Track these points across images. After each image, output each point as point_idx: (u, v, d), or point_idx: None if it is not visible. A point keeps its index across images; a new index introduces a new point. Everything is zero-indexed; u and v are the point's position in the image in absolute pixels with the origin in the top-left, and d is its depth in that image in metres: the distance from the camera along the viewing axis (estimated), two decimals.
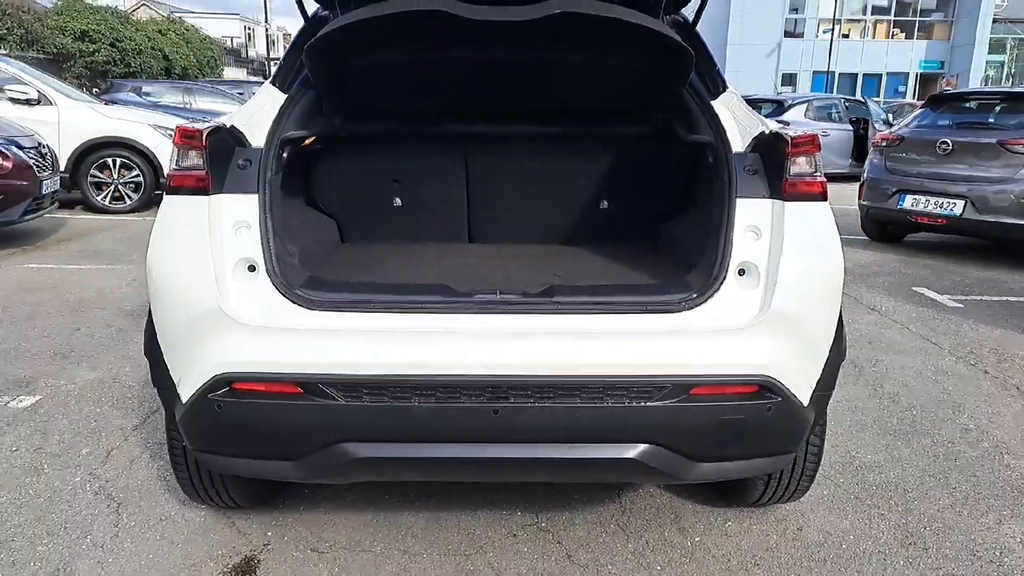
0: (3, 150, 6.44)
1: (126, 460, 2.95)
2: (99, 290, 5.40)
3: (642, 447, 2.00)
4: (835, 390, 2.23)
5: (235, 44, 44.12)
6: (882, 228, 7.93)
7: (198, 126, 2.13)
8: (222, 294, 2.01)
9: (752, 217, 2.13)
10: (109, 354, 4.10)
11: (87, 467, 2.89)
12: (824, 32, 35.88)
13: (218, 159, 2.13)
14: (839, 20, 35.16)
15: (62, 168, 8.15)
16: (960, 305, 5.56)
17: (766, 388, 1.99)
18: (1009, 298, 5.82)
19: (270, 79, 2.62)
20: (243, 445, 2.09)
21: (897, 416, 3.53)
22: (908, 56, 36.86)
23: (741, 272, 2.09)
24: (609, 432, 2.00)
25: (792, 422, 2.07)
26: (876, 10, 37.05)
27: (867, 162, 8.04)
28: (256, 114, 2.38)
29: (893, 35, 37.21)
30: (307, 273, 2.26)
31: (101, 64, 20.36)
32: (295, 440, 2.03)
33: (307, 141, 2.72)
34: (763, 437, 2.09)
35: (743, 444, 2.08)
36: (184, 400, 2.03)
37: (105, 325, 4.61)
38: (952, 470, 3.02)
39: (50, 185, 6.99)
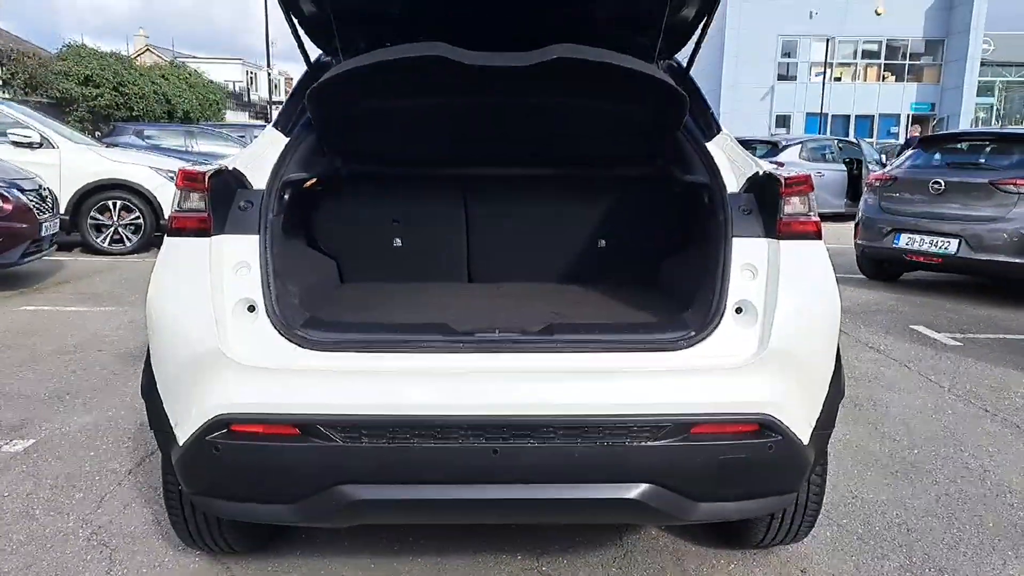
0: (4, 193, 6.48)
1: (120, 505, 2.91)
2: (96, 332, 5.39)
3: (643, 487, 1.98)
4: (835, 428, 2.22)
5: (237, 88, 44.74)
6: (878, 266, 7.98)
7: (200, 169, 2.15)
8: (221, 335, 2.01)
9: (748, 256, 2.15)
10: (104, 397, 4.08)
11: (79, 512, 2.85)
12: (816, 75, 36.56)
13: (220, 201, 2.15)
14: (830, 64, 35.84)
15: (63, 210, 8.20)
16: (958, 343, 5.56)
17: (766, 426, 1.98)
18: (1006, 336, 5.82)
19: (272, 122, 2.66)
20: (240, 488, 2.07)
21: (899, 455, 3.50)
22: (899, 98, 37.51)
23: (738, 310, 2.10)
24: (609, 472, 1.99)
25: (793, 461, 2.06)
26: (866, 54, 37.82)
27: (861, 202, 8.12)
28: (258, 156, 2.41)
29: (884, 78, 37.93)
30: (306, 313, 2.26)
31: (104, 108, 20.62)
32: (293, 483, 2.01)
33: (308, 183, 2.75)
34: (764, 476, 2.07)
35: (744, 484, 2.07)
36: (181, 442, 2.01)
37: (101, 367, 4.58)
38: (955, 510, 2.99)
39: (50, 227, 7.02)
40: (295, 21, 2.81)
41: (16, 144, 8.58)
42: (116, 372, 4.49)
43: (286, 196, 2.45)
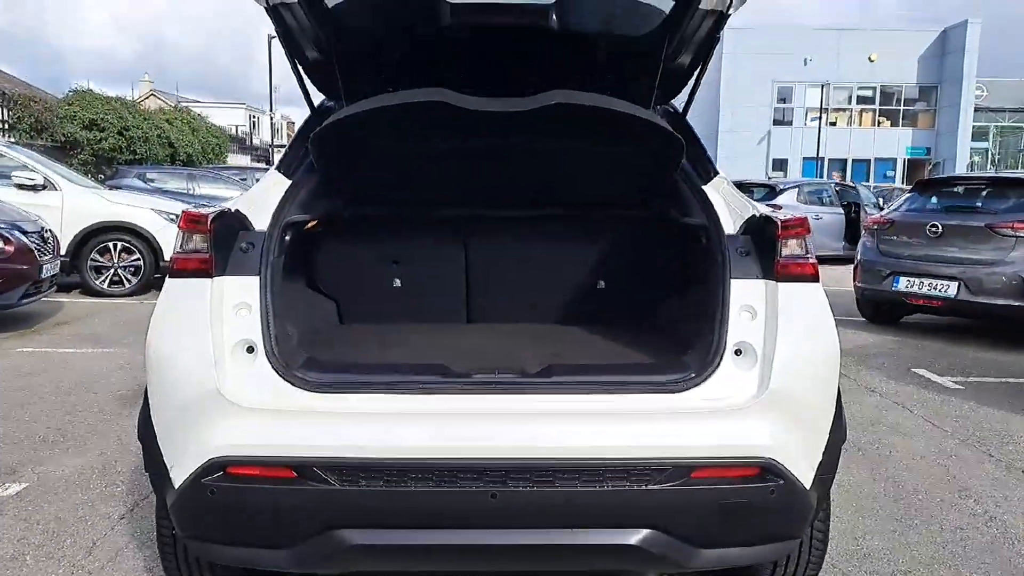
0: (6, 234, 6.52)
1: (111, 551, 2.85)
2: (93, 374, 5.36)
3: (644, 532, 1.95)
4: (838, 473, 2.19)
5: (240, 132, 45.35)
6: (878, 310, 7.97)
7: (204, 211, 2.17)
8: (220, 376, 2.00)
9: (746, 297, 2.15)
10: (99, 440, 4.04)
11: (71, 558, 2.80)
12: (812, 120, 37.09)
13: (222, 242, 2.17)
14: (826, 109, 36.40)
15: (64, 252, 8.24)
16: (960, 387, 5.53)
17: (768, 470, 1.96)
18: (1009, 379, 5.80)
19: (275, 165, 2.69)
20: (235, 532, 2.03)
21: (903, 500, 3.46)
22: (895, 142, 38.01)
23: (738, 352, 2.09)
24: (610, 517, 1.96)
25: (796, 505, 2.03)
26: (861, 99, 38.42)
27: (859, 245, 8.16)
28: (261, 199, 2.43)
29: (879, 123, 38.49)
30: (305, 354, 2.26)
31: (108, 151, 20.84)
32: (288, 527, 1.97)
33: (309, 224, 2.77)
34: (767, 521, 2.04)
35: (747, 529, 2.03)
36: (177, 485, 1.99)
37: (97, 410, 4.55)
38: (961, 557, 2.94)
39: (50, 269, 7.05)
40: (299, 67, 2.87)
41: (20, 187, 8.66)
42: (111, 414, 4.46)
43: (287, 237, 2.47)
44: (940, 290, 6.94)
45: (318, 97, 3.06)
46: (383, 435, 1.93)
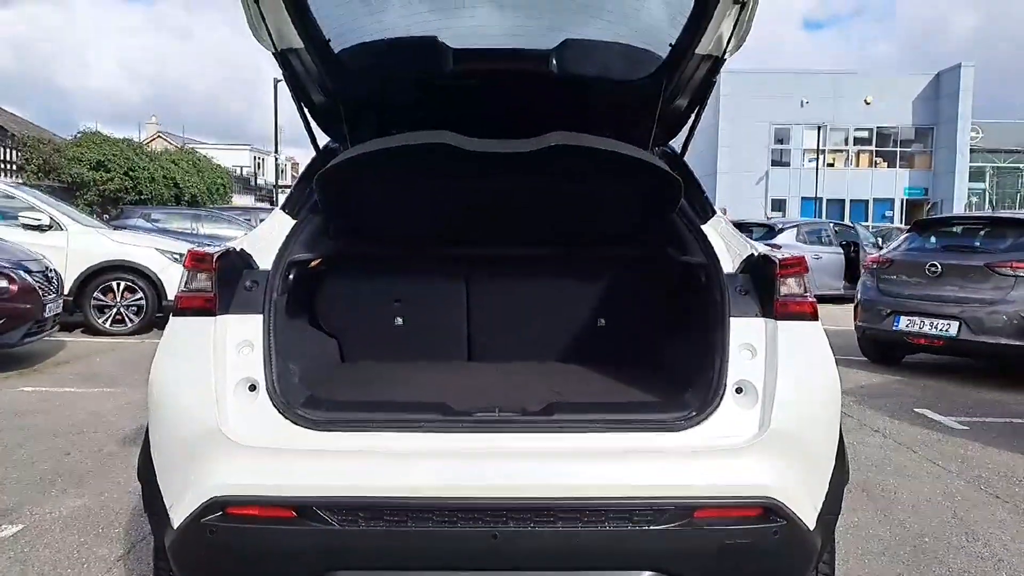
0: (10, 274, 6.55)
1: None
2: (93, 414, 5.34)
3: (646, 574, 1.93)
4: (843, 515, 2.17)
5: (245, 173, 45.85)
6: (880, 349, 7.95)
7: (209, 250, 2.20)
8: (221, 414, 2.00)
9: (746, 336, 2.16)
10: (98, 480, 4.01)
11: None
12: (809, 161, 37.45)
13: (227, 281, 2.19)
14: (823, 151, 36.77)
15: (67, 291, 8.28)
16: (965, 427, 5.49)
17: (771, 510, 1.94)
18: (1013, 420, 5.76)
19: (280, 205, 2.73)
20: (234, 573, 2.02)
21: (909, 543, 3.41)
22: (893, 183, 38.31)
23: (739, 390, 2.09)
24: (612, 558, 1.94)
25: (800, 547, 2.01)
26: (858, 141, 38.83)
27: (860, 284, 8.18)
28: (265, 238, 2.46)
29: (876, 164, 38.82)
30: (307, 392, 2.26)
31: (114, 192, 21.06)
32: (287, 568, 1.95)
33: (313, 263, 2.80)
34: (770, 563, 2.01)
35: (750, 571, 2.01)
36: (175, 525, 1.97)
37: (96, 450, 4.52)
38: None
39: (53, 308, 7.07)
40: (305, 109, 2.92)
41: (26, 227, 8.74)
42: (110, 454, 4.43)
43: (291, 276, 2.49)
44: (941, 329, 6.94)
45: (323, 139, 3.11)
46: (382, 474, 1.93)
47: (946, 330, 6.89)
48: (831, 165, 38.08)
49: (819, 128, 36.30)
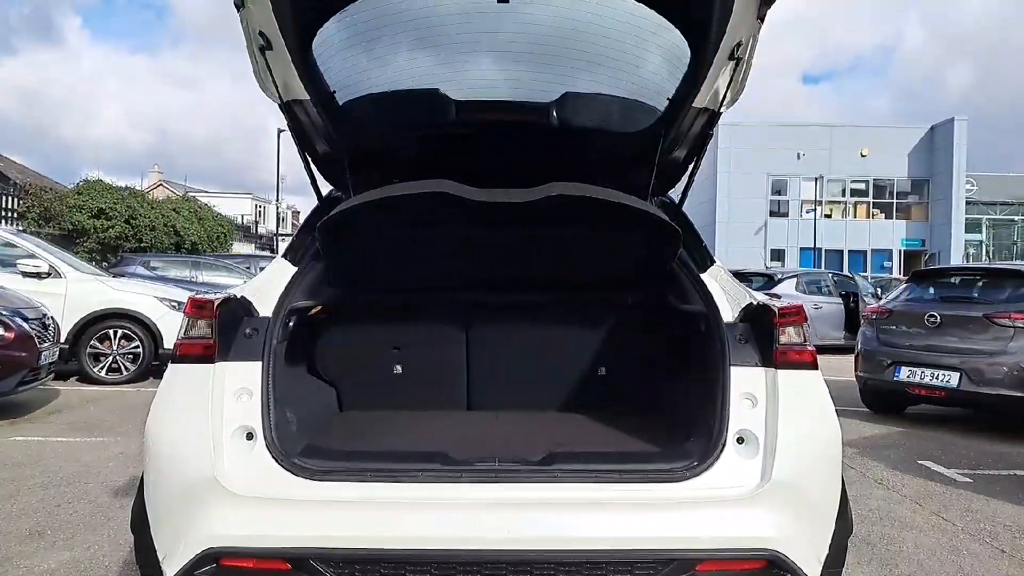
0: (7, 321, 6.53)
1: None
2: (85, 464, 5.26)
3: None
4: (847, 569, 2.13)
5: (246, 221, 46.17)
6: (881, 400, 7.88)
7: (209, 297, 2.20)
8: (217, 463, 1.98)
9: (747, 385, 2.15)
10: (88, 533, 3.93)
11: None
12: (807, 212, 37.79)
13: (227, 328, 2.18)
14: (820, 202, 37.14)
15: (64, 339, 8.24)
16: (969, 480, 5.42)
17: (774, 563, 1.90)
18: (1018, 472, 5.68)
19: (282, 253, 2.74)
20: None
21: None
22: (890, 234, 38.60)
23: (740, 440, 2.07)
24: None
25: None
26: (855, 192, 39.27)
27: (860, 334, 8.16)
28: (266, 285, 2.47)
29: (873, 215, 39.17)
30: (304, 441, 2.24)
31: (114, 239, 21.16)
32: None
33: (313, 311, 2.80)
34: None
35: None
36: None
37: (88, 501, 4.44)
38: None
39: (48, 356, 7.02)
40: (309, 159, 2.96)
41: (25, 274, 8.75)
42: (102, 506, 4.35)
43: (291, 323, 2.49)
44: (942, 380, 6.90)
45: (326, 187, 3.14)
46: (380, 525, 1.89)
47: (947, 381, 6.86)
48: (828, 216, 38.44)
49: (816, 179, 36.73)
